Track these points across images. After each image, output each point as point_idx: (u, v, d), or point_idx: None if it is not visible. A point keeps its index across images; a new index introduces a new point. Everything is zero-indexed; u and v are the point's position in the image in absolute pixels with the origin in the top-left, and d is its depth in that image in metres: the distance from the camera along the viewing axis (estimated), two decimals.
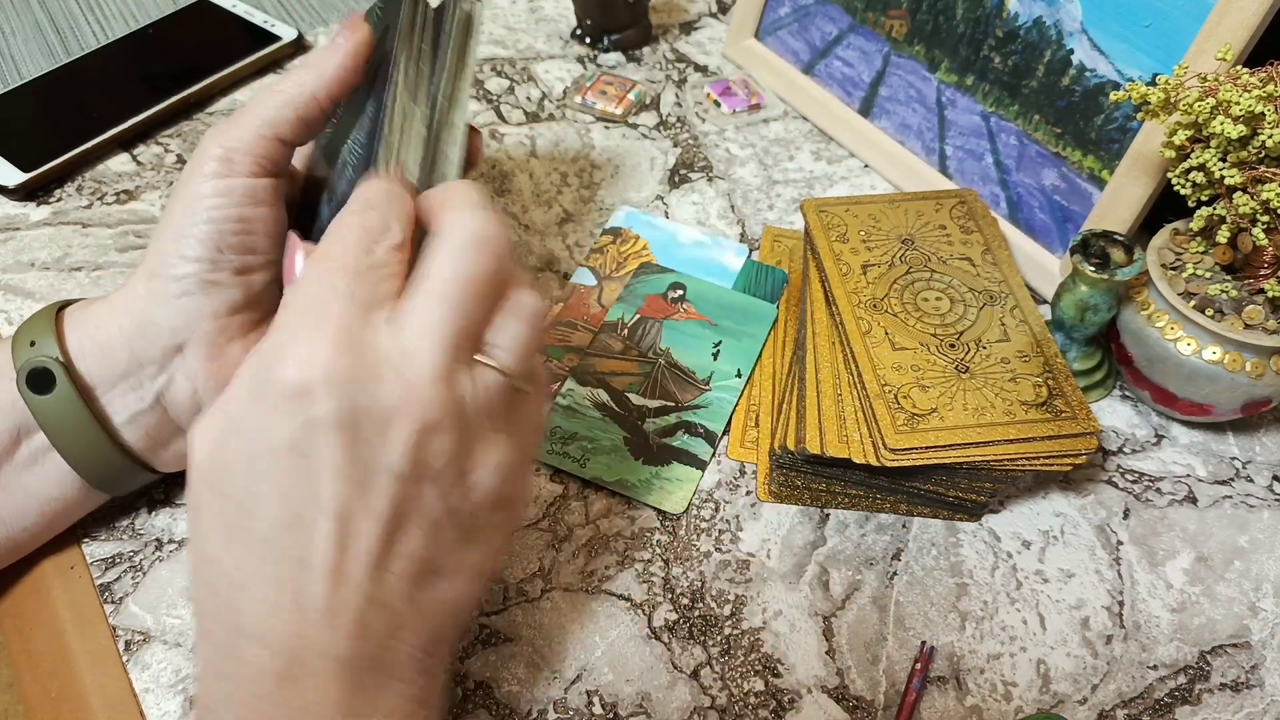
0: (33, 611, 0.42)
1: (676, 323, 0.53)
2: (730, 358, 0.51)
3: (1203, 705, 0.40)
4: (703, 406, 0.49)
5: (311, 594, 0.29)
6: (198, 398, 0.41)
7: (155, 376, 0.40)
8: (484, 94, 0.68)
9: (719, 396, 0.49)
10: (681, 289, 0.54)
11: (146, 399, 0.40)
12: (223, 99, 0.67)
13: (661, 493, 0.46)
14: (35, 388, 0.38)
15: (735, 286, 0.55)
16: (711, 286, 0.55)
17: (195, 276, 0.39)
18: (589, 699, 0.40)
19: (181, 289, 0.39)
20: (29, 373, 0.38)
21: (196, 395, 0.41)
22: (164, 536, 0.44)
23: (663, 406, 0.49)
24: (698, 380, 0.50)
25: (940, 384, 0.43)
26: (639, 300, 0.54)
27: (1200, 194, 0.44)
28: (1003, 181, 0.56)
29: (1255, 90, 0.40)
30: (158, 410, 0.40)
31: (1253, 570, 0.44)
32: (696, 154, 0.64)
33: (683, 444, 0.48)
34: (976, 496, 0.44)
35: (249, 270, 0.40)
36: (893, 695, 0.40)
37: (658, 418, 0.49)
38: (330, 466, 0.28)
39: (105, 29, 0.73)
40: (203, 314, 0.39)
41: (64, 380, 0.38)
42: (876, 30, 0.61)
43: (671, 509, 0.45)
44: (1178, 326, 0.45)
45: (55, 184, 0.61)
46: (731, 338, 0.52)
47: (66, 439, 0.39)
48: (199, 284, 0.39)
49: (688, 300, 0.54)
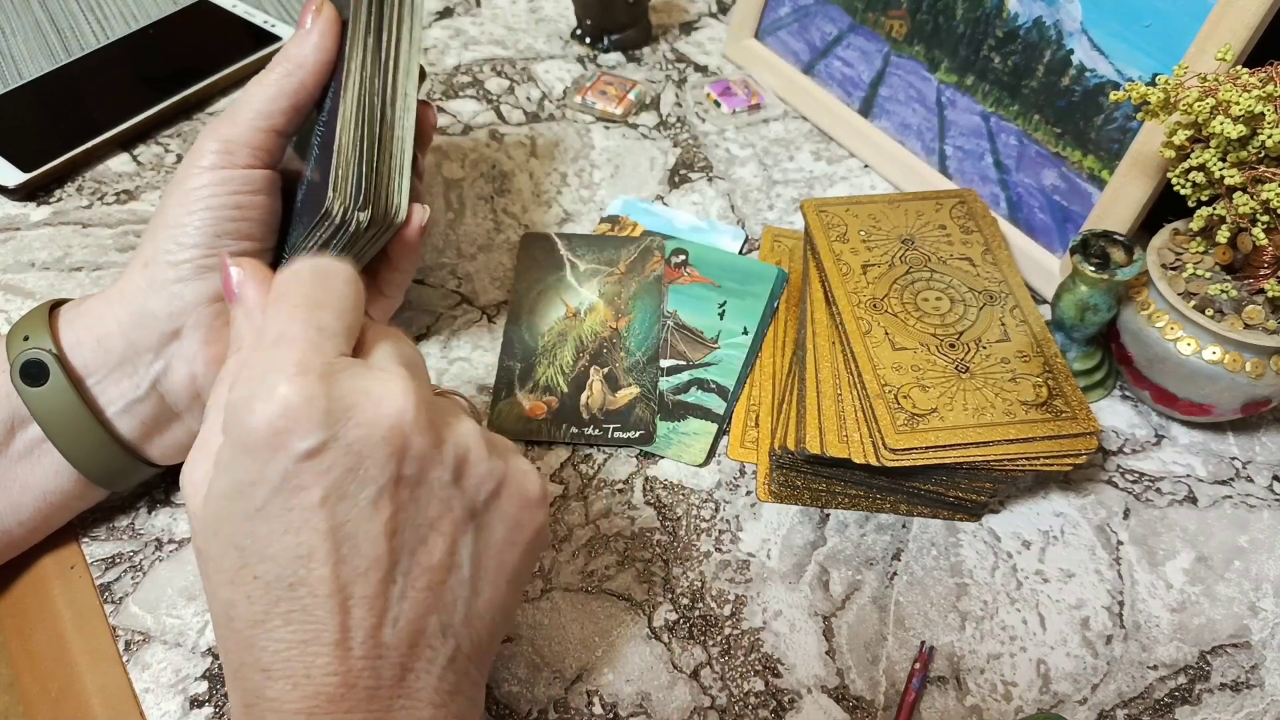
0: (33, 611, 0.42)
1: (682, 286, 0.55)
2: (736, 316, 0.53)
3: (1203, 705, 0.40)
4: (713, 364, 0.51)
5: (330, 624, 0.28)
6: (195, 383, 0.41)
7: (151, 363, 0.40)
8: (484, 94, 0.68)
9: (728, 353, 0.52)
10: (684, 254, 0.56)
11: (142, 386, 0.40)
12: (223, 99, 0.67)
13: (680, 446, 0.48)
14: (29, 379, 0.39)
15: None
16: (713, 250, 0.57)
17: (192, 263, 0.39)
18: (589, 699, 0.40)
19: (178, 275, 0.39)
20: (23, 364, 0.39)
21: (194, 380, 0.41)
22: (164, 536, 0.44)
23: (675, 365, 0.51)
24: (706, 339, 0.52)
25: (940, 384, 0.43)
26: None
27: (1200, 194, 0.44)
28: (1003, 181, 0.56)
29: (1255, 90, 0.40)
30: (153, 397, 0.40)
31: (1253, 570, 0.44)
32: (696, 154, 0.64)
33: (696, 399, 0.50)
34: (976, 496, 0.44)
35: (245, 256, 0.40)
36: (893, 695, 0.40)
37: (671, 376, 0.50)
38: (319, 495, 0.28)
39: (105, 29, 0.73)
40: (199, 299, 0.40)
41: (57, 371, 0.39)
42: (876, 30, 0.61)
43: (691, 461, 0.47)
44: (1178, 326, 0.45)
45: (55, 184, 0.61)
46: (736, 298, 0.54)
47: (60, 430, 0.39)
48: (195, 270, 0.40)
49: (691, 265, 0.56)
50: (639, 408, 0.49)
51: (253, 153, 0.40)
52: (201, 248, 0.39)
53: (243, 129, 0.40)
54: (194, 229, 0.39)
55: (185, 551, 0.44)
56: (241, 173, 0.40)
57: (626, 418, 0.48)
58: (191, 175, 0.39)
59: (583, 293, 0.54)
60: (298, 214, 0.42)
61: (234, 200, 0.40)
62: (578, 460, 0.48)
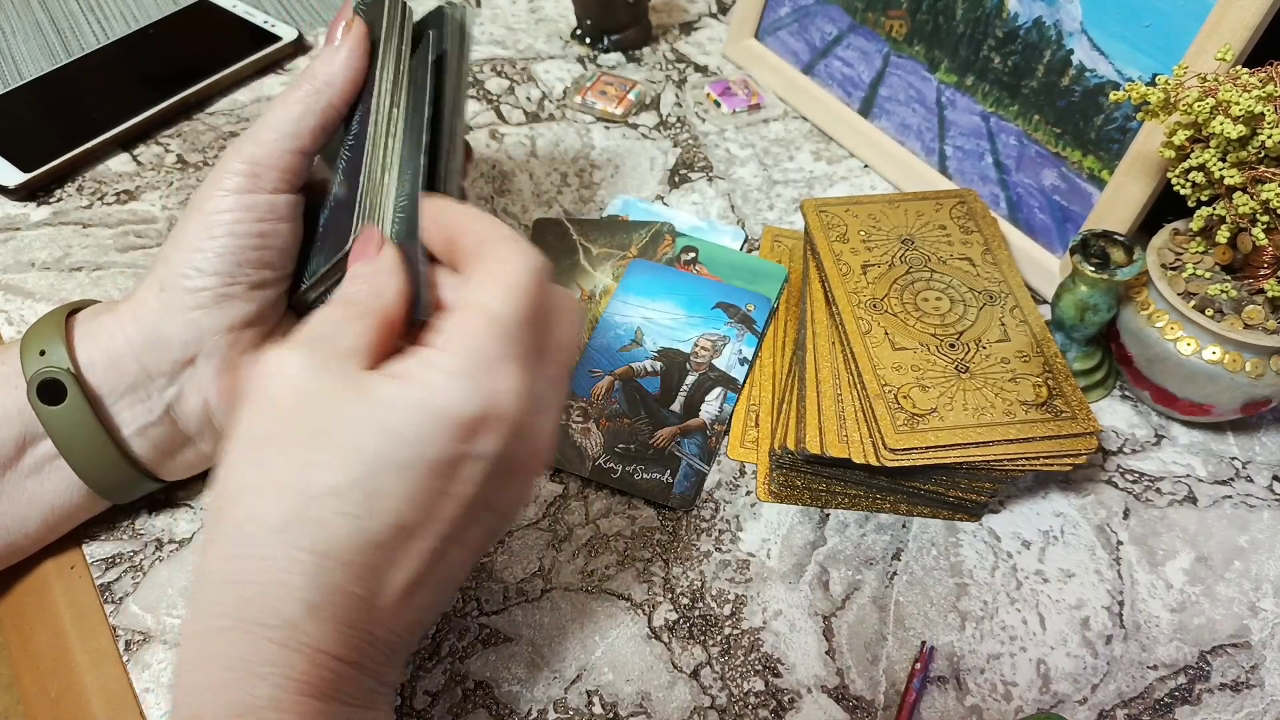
0: (33, 611, 0.42)
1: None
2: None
3: (1203, 705, 0.40)
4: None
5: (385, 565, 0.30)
6: (208, 410, 0.40)
7: (165, 389, 0.39)
8: (484, 94, 0.68)
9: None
10: (694, 251, 0.56)
11: (155, 411, 0.40)
12: (223, 99, 0.67)
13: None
14: (46, 398, 0.38)
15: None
16: (722, 249, 0.57)
17: (211, 291, 0.38)
18: (589, 699, 0.40)
19: (195, 302, 0.38)
20: (40, 383, 0.38)
21: (207, 407, 0.40)
22: (164, 536, 0.44)
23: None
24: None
25: (940, 384, 0.43)
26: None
27: (1200, 194, 0.44)
28: (1003, 181, 0.56)
29: (1255, 90, 0.40)
30: (166, 422, 0.40)
31: (1253, 570, 0.44)
32: (696, 154, 0.64)
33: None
34: (976, 496, 0.44)
35: (264, 285, 0.39)
36: (893, 695, 0.40)
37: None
38: (468, 498, 0.30)
39: (105, 29, 0.73)
40: (216, 328, 0.39)
41: (75, 392, 0.38)
42: (876, 30, 0.61)
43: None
44: (1178, 326, 0.45)
45: (55, 184, 0.61)
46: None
47: (76, 450, 0.39)
48: (214, 298, 0.38)
49: (700, 263, 0.56)
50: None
51: (280, 176, 0.38)
52: (222, 275, 0.38)
53: (269, 149, 0.38)
54: (215, 255, 0.38)
55: (185, 551, 0.44)
56: (267, 198, 0.38)
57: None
58: (215, 197, 0.38)
59: (596, 276, 0.55)
60: (321, 237, 0.40)
61: (258, 228, 0.38)
62: None
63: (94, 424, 0.38)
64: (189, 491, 0.45)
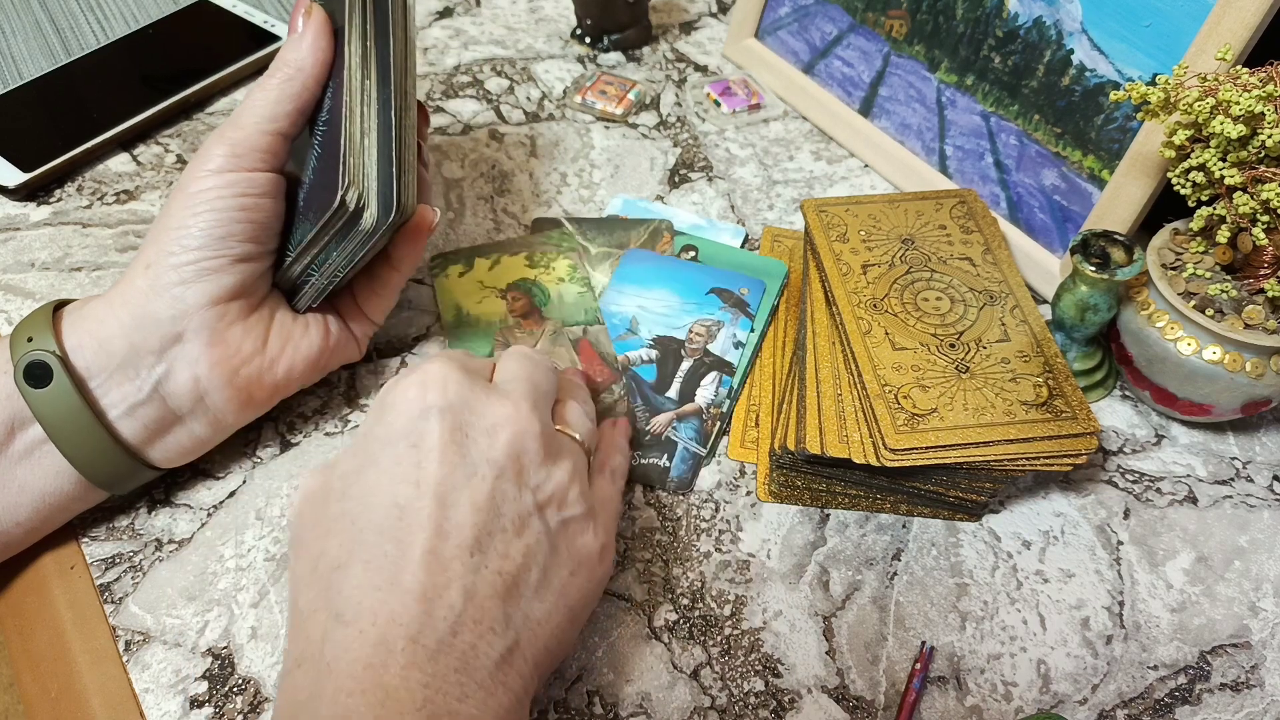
0: (33, 611, 0.42)
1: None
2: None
3: (1203, 705, 0.40)
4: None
5: (408, 574, 0.31)
6: (199, 386, 0.41)
7: (154, 366, 0.40)
8: (484, 94, 0.68)
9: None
10: (693, 250, 0.56)
11: (144, 389, 0.40)
12: (223, 99, 0.67)
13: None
14: (33, 381, 0.39)
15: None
16: (721, 246, 0.57)
17: (195, 264, 0.40)
18: (589, 699, 0.40)
19: (180, 277, 0.40)
20: (26, 366, 0.38)
21: (197, 383, 0.41)
22: (164, 536, 0.44)
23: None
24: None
25: (940, 384, 0.43)
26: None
27: (1200, 194, 0.44)
28: (1003, 181, 0.56)
29: (1255, 90, 0.40)
30: (156, 400, 0.40)
31: (1253, 570, 0.44)
32: (696, 154, 0.64)
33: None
34: (976, 496, 0.44)
35: (248, 259, 0.41)
36: (893, 695, 0.40)
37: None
38: (437, 450, 0.33)
39: (105, 29, 0.73)
40: (201, 301, 0.40)
41: (61, 373, 0.39)
42: (876, 30, 0.61)
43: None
44: (1178, 326, 0.45)
45: (55, 184, 0.61)
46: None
47: (63, 432, 0.39)
48: (198, 271, 0.40)
49: (700, 261, 0.56)
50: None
51: (260, 156, 0.40)
52: (205, 250, 0.40)
53: (249, 133, 0.40)
54: (198, 230, 0.39)
55: (185, 551, 0.44)
56: (248, 175, 0.40)
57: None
58: (198, 178, 0.40)
59: (595, 275, 0.55)
60: (300, 214, 0.42)
61: (239, 203, 0.40)
62: None
63: (79, 404, 0.39)
64: (189, 491, 0.45)
